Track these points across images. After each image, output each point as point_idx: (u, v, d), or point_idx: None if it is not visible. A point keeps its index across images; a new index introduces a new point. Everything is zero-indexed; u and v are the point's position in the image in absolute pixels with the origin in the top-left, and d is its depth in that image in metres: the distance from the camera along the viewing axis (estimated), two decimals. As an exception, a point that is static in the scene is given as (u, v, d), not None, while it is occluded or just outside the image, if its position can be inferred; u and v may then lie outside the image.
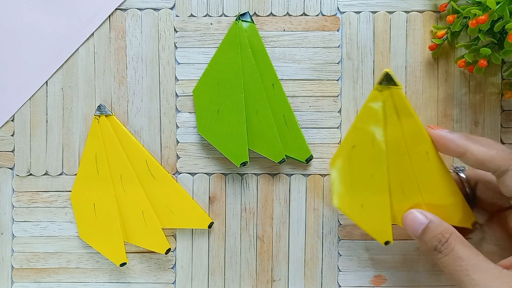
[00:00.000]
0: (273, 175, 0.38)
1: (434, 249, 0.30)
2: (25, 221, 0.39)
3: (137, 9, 0.38)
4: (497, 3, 0.30)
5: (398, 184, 0.32)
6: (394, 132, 0.32)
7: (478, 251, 0.29)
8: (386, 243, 0.33)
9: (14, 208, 0.39)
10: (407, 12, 0.37)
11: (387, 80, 0.31)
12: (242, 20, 0.37)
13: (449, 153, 0.30)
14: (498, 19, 0.31)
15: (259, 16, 0.37)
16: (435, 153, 0.31)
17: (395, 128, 0.32)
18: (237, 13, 0.37)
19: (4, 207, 0.39)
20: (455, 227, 0.30)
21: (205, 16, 0.38)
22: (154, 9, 0.38)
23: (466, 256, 0.28)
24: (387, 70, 0.31)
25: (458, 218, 0.32)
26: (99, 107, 0.37)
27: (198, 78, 0.37)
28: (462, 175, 0.34)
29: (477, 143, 0.30)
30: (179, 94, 0.38)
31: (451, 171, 0.33)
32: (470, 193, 0.34)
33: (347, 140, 0.33)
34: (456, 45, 0.36)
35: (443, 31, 0.35)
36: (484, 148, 0.29)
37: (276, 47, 0.37)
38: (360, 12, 0.37)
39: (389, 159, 0.32)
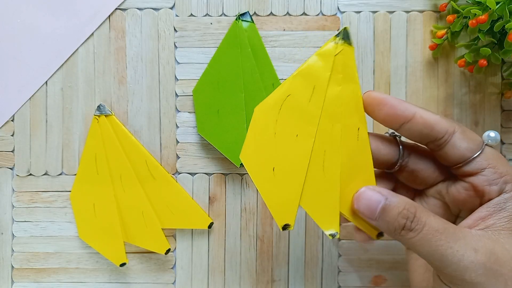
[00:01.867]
0: (273, 175, 0.38)
1: (402, 229, 0.25)
2: (25, 221, 0.39)
3: (137, 9, 0.38)
4: (497, 3, 0.30)
5: (321, 155, 0.27)
6: (335, 95, 0.27)
7: (443, 218, 0.25)
8: (285, 227, 0.27)
9: (14, 208, 0.39)
10: (407, 12, 0.37)
11: (345, 36, 0.27)
12: (242, 20, 0.37)
13: (394, 117, 0.27)
14: (498, 19, 0.31)
15: (259, 16, 0.37)
16: (366, 133, 0.28)
17: (336, 90, 0.27)
18: (237, 13, 0.37)
19: (4, 207, 0.39)
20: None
21: (205, 16, 0.38)
22: (154, 9, 0.38)
23: (442, 227, 0.24)
24: (347, 27, 0.27)
25: None
26: (99, 107, 0.37)
27: (198, 78, 0.37)
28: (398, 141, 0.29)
29: (420, 107, 0.27)
30: (179, 94, 0.38)
31: (387, 134, 0.29)
32: (403, 165, 0.30)
33: (284, 86, 0.28)
34: (456, 45, 0.36)
35: (443, 31, 0.35)
36: (429, 111, 0.27)
37: (276, 47, 0.37)
38: (360, 12, 0.37)
39: (321, 123, 0.27)
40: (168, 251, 0.37)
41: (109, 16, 0.38)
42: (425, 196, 0.30)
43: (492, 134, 0.27)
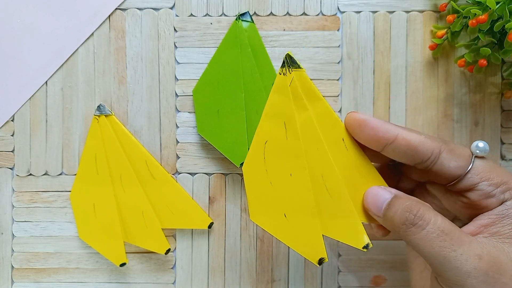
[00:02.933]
0: (273, 175, 0.38)
1: (405, 223, 0.25)
2: (25, 221, 0.39)
3: (137, 9, 0.38)
4: (497, 2, 0.30)
5: (320, 180, 0.27)
6: (306, 119, 0.27)
7: (450, 221, 0.25)
8: (320, 261, 0.27)
9: (14, 208, 0.39)
10: (407, 12, 0.37)
11: (290, 62, 0.27)
12: (242, 20, 0.37)
13: (375, 140, 0.26)
14: (498, 18, 0.31)
15: (259, 16, 0.37)
16: (351, 140, 0.28)
17: (305, 114, 0.28)
18: (237, 13, 0.37)
19: (4, 207, 0.39)
20: None
21: (205, 16, 0.37)
22: (154, 9, 0.38)
23: (447, 229, 0.24)
24: (289, 52, 0.28)
25: None
26: (99, 107, 0.37)
27: (198, 78, 0.37)
28: None
29: (404, 128, 0.26)
30: (179, 94, 0.38)
31: None
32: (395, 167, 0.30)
33: (258, 136, 0.28)
34: (456, 45, 0.36)
35: (443, 31, 0.35)
36: (414, 132, 0.26)
37: (276, 47, 0.37)
38: (360, 12, 0.37)
39: (307, 151, 0.27)
40: (168, 251, 0.37)
41: (109, 16, 0.38)
42: (426, 193, 0.30)
43: (480, 144, 0.26)
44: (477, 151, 0.26)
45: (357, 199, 0.27)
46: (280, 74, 0.28)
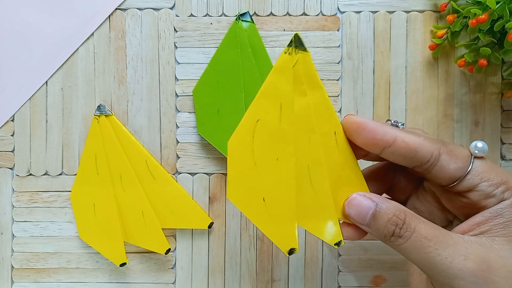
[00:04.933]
0: (273, 175, 0.38)
1: (392, 235, 0.25)
2: (25, 221, 0.39)
3: (137, 9, 0.38)
4: (497, 2, 0.30)
5: (306, 171, 0.27)
6: (303, 106, 0.26)
7: (435, 224, 0.25)
8: (290, 251, 0.27)
9: (14, 208, 0.39)
10: (407, 12, 0.37)
11: (298, 43, 0.26)
12: (242, 20, 0.37)
13: (373, 143, 0.25)
14: (498, 18, 0.31)
15: (259, 16, 0.37)
16: (343, 135, 0.27)
17: (303, 100, 0.26)
18: (237, 13, 0.37)
19: (4, 207, 0.39)
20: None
21: (205, 16, 0.38)
22: (154, 9, 0.38)
23: (431, 234, 0.24)
24: (297, 32, 0.26)
25: None
26: (99, 107, 0.37)
27: (198, 78, 0.37)
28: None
29: (402, 130, 0.26)
30: (179, 94, 0.38)
31: (389, 123, 0.28)
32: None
33: (250, 112, 0.27)
34: (456, 45, 0.36)
35: (443, 31, 0.35)
36: (413, 135, 0.25)
37: (276, 47, 0.37)
38: (360, 12, 0.37)
39: (297, 139, 0.26)
40: (168, 251, 0.37)
41: (109, 16, 0.38)
42: (424, 191, 0.29)
43: (479, 144, 0.26)
44: (476, 151, 0.26)
45: (337, 196, 0.27)
46: (285, 53, 0.26)
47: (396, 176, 0.30)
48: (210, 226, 0.38)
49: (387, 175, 0.30)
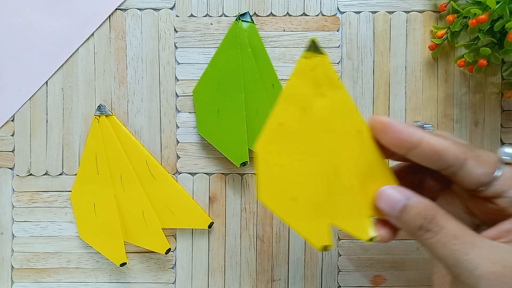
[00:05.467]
0: (273, 175, 0.38)
1: (420, 229, 0.25)
2: (25, 221, 0.39)
3: (137, 9, 0.38)
4: (497, 2, 0.30)
5: (333, 169, 0.27)
6: (324, 106, 0.27)
7: (464, 225, 0.25)
8: (325, 248, 0.27)
9: (14, 208, 0.39)
10: (407, 12, 0.37)
11: (314, 48, 0.27)
12: (242, 20, 0.37)
13: (399, 143, 0.25)
14: (498, 18, 0.31)
15: (259, 16, 0.37)
16: (368, 133, 0.27)
17: (324, 101, 0.27)
18: (237, 13, 0.37)
19: (4, 207, 0.39)
20: None
21: (205, 16, 0.38)
22: (154, 9, 0.38)
23: (460, 233, 0.24)
24: (313, 37, 0.27)
25: None
26: (99, 107, 0.37)
27: (198, 78, 0.37)
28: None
29: (428, 132, 0.25)
30: (179, 94, 0.38)
31: (416, 125, 0.27)
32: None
33: (274, 117, 0.27)
34: (456, 45, 0.36)
35: (443, 31, 0.35)
36: (439, 137, 0.25)
37: (276, 47, 0.37)
38: (360, 12, 0.37)
39: (322, 139, 0.27)
40: (168, 251, 0.37)
41: (109, 16, 0.38)
42: (452, 193, 0.29)
43: (508, 150, 0.25)
44: (506, 157, 0.25)
45: (367, 193, 0.27)
46: (303, 58, 0.27)
47: (424, 176, 0.30)
48: (210, 226, 0.38)
49: (414, 175, 0.30)
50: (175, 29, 0.38)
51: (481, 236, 0.25)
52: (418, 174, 0.30)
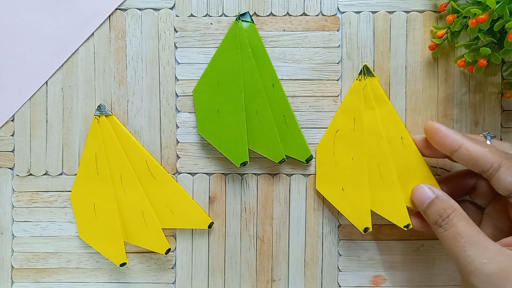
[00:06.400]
0: (273, 175, 0.38)
1: (435, 223, 0.30)
2: (25, 221, 0.39)
3: (137, 9, 0.38)
4: (497, 2, 0.30)
5: (377, 167, 0.35)
6: (372, 118, 0.35)
7: (480, 230, 0.29)
8: (365, 229, 0.35)
9: (14, 208, 0.39)
10: (407, 12, 0.37)
11: (366, 72, 0.36)
12: (242, 20, 0.37)
13: (442, 147, 0.31)
14: (498, 18, 0.31)
15: (259, 16, 0.37)
16: (410, 139, 0.34)
17: (372, 114, 0.35)
18: (237, 13, 0.37)
19: (4, 207, 0.39)
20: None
21: (205, 16, 0.38)
22: (154, 9, 0.38)
23: (466, 233, 0.28)
24: (366, 63, 0.36)
25: None
26: (99, 107, 0.37)
27: (198, 78, 0.37)
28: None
29: (470, 139, 0.30)
30: (179, 94, 0.38)
31: (482, 135, 0.33)
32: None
33: (332, 125, 0.37)
34: (456, 45, 0.36)
35: (443, 31, 0.35)
36: (477, 144, 0.29)
37: (276, 47, 0.37)
38: (360, 12, 0.37)
39: (368, 143, 0.35)
40: (168, 251, 0.37)
41: (109, 16, 0.38)
42: (501, 201, 0.31)
43: None
44: None
45: (407, 187, 0.34)
46: (357, 80, 0.36)
47: (478, 181, 0.33)
48: (210, 226, 0.38)
49: (470, 179, 0.33)
50: (175, 29, 0.38)
51: (491, 241, 0.28)
52: (473, 179, 0.33)
